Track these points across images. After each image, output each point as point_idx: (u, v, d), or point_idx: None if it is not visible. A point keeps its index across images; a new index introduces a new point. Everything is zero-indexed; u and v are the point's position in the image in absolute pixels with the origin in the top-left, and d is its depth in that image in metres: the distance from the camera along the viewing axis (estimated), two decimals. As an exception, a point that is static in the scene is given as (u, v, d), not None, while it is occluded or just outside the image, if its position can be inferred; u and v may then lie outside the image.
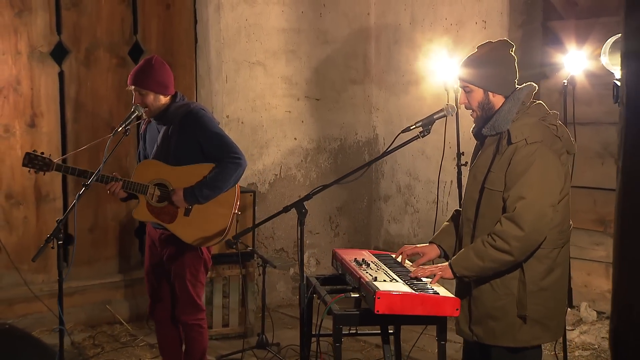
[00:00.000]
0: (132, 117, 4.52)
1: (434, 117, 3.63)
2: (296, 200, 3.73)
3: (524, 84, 3.58)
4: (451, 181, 6.63)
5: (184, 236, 4.58)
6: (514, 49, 3.61)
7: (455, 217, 3.82)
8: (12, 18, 6.08)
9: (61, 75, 6.37)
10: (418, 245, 3.88)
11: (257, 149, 6.95)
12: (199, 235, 4.58)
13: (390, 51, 7.37)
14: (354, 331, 3.89)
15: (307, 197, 3.75)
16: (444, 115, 3.64)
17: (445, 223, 3.88)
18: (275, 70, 6.96)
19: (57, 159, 4.69)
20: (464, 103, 3.60)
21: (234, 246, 5.99)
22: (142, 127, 4.85)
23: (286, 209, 3.76)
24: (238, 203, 4.73)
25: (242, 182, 6.82)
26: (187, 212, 4.59)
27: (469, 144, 6.23)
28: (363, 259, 3.74)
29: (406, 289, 3.31)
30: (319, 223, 7.37)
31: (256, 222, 4.20)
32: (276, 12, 6.91)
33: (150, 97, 4.58)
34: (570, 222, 3.62)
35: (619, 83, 2.52)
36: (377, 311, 3.16)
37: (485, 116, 3.55)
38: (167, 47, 6.82)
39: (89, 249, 6.65)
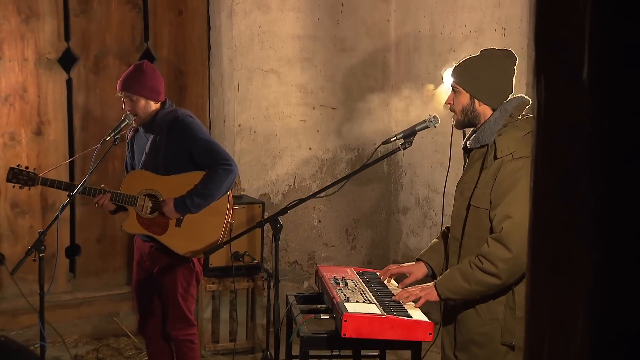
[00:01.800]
0: (122, 125, 4.38)
1: (416, 128, 3.42)
2: (270, 215, 3.51)
3: (515, 96, 3.35)
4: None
5: (176, 248, 4.41)
6: (516, 62, 3.37)
7: (445, 235, 3.60)
8: (19, 24, 6.00)
9: (69, 82, 6.27)
10: (404, 265, 3.66)
11: (270, 159, 6.76)
12: (192, 247, 4.41)
13: (410, 59, 7.14)
14: (329, 354, 3.66)
15: (282, 211, 3.54)
16: (427, 127, 3.42)
17: (435, 240, 3.66)
18: (290, 78, 6.77)
19: (43, 172, 4.56)
20: (449, 103, 3.40)
21: (241, 259, 5.86)
22: (129, 134, 4.70)
23: (260, 224, 3.56)
24: (231, 212, 4.54)
25: (255, 193, 6.66)
26: (178, 223, 4.42)
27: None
28: (343, 278, 3.52)
29: (376, 311, 3.08)
30: (335, 235, 7.14)
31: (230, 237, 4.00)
32: (291, 18, 6.72)
33: (141, 103, 4.43)
34: None
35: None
36: (344, 335, 2.94)
37: (466, 122, 3.34)
38: (179, 54, 6.68)
39: (97, 259, 6.53)
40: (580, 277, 1.21)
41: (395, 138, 3.44)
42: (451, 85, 3.41)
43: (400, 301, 3.27)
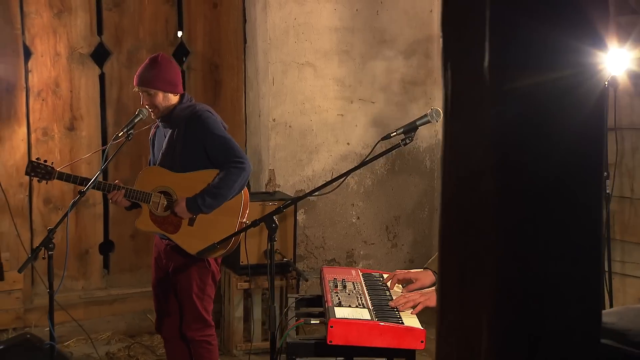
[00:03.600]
0: (135, 121, 4.27)
1: (417, 123, 3.21)
2: (265, 214, 3.32)
3: None
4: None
5: (188, 247, 4.28)
6: None
7: None
8: (51, 19, 5.96)
9: (102, 77, 6.22)
10: (412, 271, 3.45)
11: (306, 154, 6.59)
12: (204, 247, 4.26)
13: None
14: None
15: (278, 210, 3.36)
16: (428, 121, 3.20)
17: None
18: (327, 72, 6.59)
19: (61, 167, 4.49)
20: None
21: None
22: (152, 131, 4.59)
23: (254, 224, 3.37)
24: (247, 211, 4.38)
25: (290, 189, 6.50)
26: (191, 222, 4.30)
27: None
28: (343, 280, 3.32)
29: (367, 316, 2.87)
30: (375, 233, 6.94)
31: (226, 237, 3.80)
32: (328, 10, 6.54)
33: (160, 96, 4.32)
34: None
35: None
36: (330, 341, 2.75)
37: None
38: (214, 47, 6.57)
39: (131, 256, 6.47)
40: (485, 292, 1.12)
41: (395, 133, 3.25)
42: None
43: (397, 307, 3.07)
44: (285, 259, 5.70)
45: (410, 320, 2.95)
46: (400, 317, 2.95)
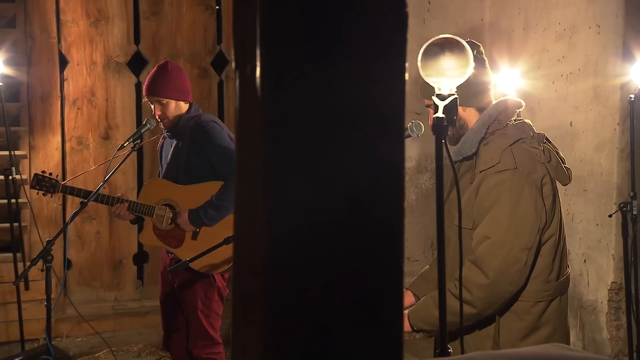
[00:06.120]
0: (142, 131, 4.16)
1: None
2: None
3: (502, 98, 2.85)
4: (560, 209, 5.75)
5: (192, 263, 4.13)
6: (480, 49, 2.88)
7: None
8: (88, 27, 5.94)
9: (138, 86, 6.16)
10: None
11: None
12: (208, 261, 4.11)
13: (503, 60, 6.57)
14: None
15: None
16: (409, 135, 2.95)
17: (426, 268, 3.21)
18: (368, 82, 6.36)
19: (65, 180, 4.42)
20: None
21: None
22: (160, 141, 4.48)
23: (227, 241, 3.19)
24: (254, 226, 4.20)
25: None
26: (194, 236, 4.15)
27: (583, 166, 5.38)
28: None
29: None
30: (419, 249, 6.66)
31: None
32: (371, 18, 6.32)
33: (172, 106, 4.21)
34: (568, 270, 2.83)
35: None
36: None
37: (457, 135, 2.87)
38: (254, 57, 6.43)
39: (165, 267, 6.39)
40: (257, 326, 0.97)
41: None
42: (425, 104, 2.93)
43: None
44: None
45: None
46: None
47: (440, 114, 1.83)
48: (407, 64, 0.93)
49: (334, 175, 0.90)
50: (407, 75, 0.93)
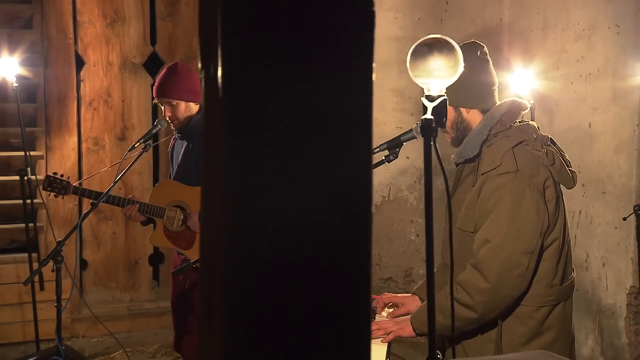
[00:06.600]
0: (154, 132, 4.15)
1: (401, 138, 2.92)
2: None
3: (506, 99, 2.80)
4: (580, 211, 5.67)
5: (197, 263, 4.12)
6: (484, 50, 2.84)
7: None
8: (104, 28, 5.95)
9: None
10: (399, 295, 3.19)
11: (362, 168, 6.34)
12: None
13: (522, 62, 6.50)
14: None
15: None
16: (414, 137, 2.91)
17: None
18: (385, 82, 6.34)
19: (79, 180, 4.42)
20: None
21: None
22: (171, 142, 4.46)
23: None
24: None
25: (345, 204, 6.27)
26: (205, 237, 4.12)
27: (601, 168, 5.30)
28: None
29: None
30: (436, 252, 6.60)
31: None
32: (388, 19, 6.29)
33: (182, 107, 4.19)
34: (573, 275, 2.78)
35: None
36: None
37: (461, 137, 2.83)
38: (270, 57, 6.42)
39: (181, 268, 6.38)
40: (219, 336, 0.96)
41: (379, 149, 2.97)
42: None
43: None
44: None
45: (376, 353, 2.69)
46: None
47: (428, 115, 1.79)
48: (374, 64, 0.90)
49: (296, 178, 0.87)
50: (374, 76, 0.90)
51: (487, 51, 2.91)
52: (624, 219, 4.62)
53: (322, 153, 0.87)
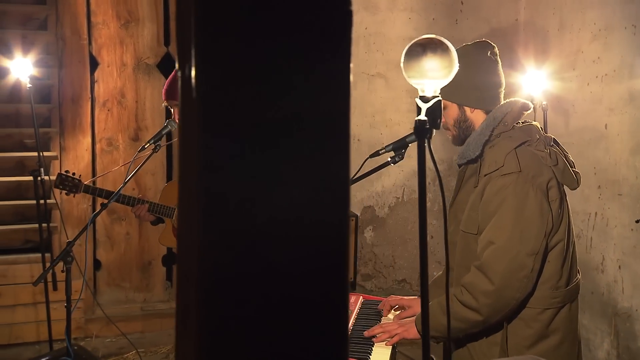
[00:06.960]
0: (163, 133, 4.14)
1: (407, 140, 2.90)
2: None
3: (510, 100, 2.77)
4: (595, 213, 5.62)
5: None
6: (495, 51, 2.80)
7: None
8: (118, 29, 5.96)
9: (168, 87, 6.17)
10: (405, 297, 3.16)
11: (376, 169, 6.31)
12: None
13: (537, 62, 6.45)
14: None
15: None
16: None
17: (438, 274, 3.15)
18: (399, 83, 6.30)
19: (92, 179, 4.43)
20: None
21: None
22: None
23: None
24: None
25: (358, 205, 6.24)
26: (215, 238, 4.12)
27: (617, 169, 5.24)
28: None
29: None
30: (450, 254, 6.57)
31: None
32: (402, 19, 6.26)
33: None
34: (578, 276, 2.74)
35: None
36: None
37: (463, 136, 2.80)
38: (284, 58, 6.40)
39: (195, 269, 6.38)
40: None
41: (384, 150, 2.95)
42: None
43: (373, 337, 2.81)
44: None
45: (380, 353, 2.68)
46: (368, 350, 2.69)
47: (422, 116, 1.77)
48: (351, 65, 0.88)
49: (270, 181, 0.85)
50: (352, 77, 0.88)
51: (498, 52, 2.88)
52: (637, 221, 4.57)
53: (296, 154, 0.85)
